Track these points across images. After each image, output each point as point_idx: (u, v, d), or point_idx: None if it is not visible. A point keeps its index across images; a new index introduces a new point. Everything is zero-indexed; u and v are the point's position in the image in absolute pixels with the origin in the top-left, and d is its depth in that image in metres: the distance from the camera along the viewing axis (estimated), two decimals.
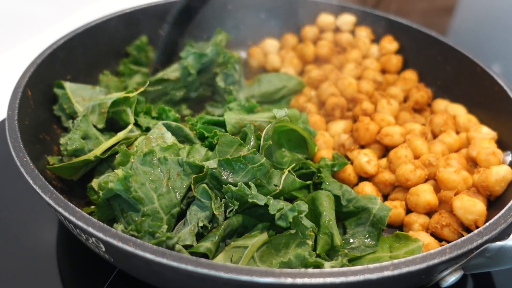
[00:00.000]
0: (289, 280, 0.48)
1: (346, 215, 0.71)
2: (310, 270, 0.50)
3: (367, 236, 0.67)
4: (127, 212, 0.62)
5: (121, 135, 0.72)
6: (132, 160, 0.63)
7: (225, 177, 0.63)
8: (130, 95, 0.75)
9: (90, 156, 0.69)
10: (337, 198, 0.70)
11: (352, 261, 0.65)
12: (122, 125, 0.76)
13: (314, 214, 0.67)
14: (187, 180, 0.64)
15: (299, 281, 0.48)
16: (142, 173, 0.62)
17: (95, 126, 0.74)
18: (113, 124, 0.77)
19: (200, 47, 0.96)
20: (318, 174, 0.74)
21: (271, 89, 0.96)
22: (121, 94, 0.75)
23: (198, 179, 0.63)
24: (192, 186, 0.63)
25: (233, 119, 0.74)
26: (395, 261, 0.51)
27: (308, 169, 0.75)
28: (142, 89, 0.78)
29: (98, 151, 0.70)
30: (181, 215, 0.65)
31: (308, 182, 0.71)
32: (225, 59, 0.92)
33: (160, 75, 0.93)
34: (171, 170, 0.64)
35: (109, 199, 0.63)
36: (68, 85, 0.82)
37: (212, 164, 0.64)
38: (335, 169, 0.77)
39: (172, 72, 0.92)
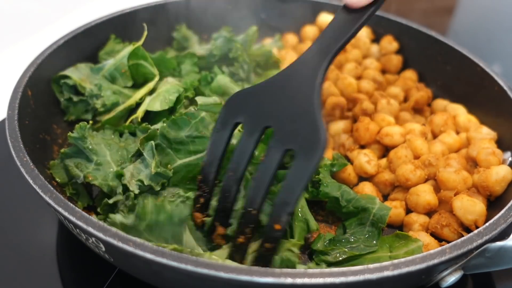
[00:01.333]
0: (289, 280, 0.48)
1: (346, 215, 0.71)
2: (310, 270, 0.50)
3: (367, 235, 0.67)
4: (81, 164, 0.68)
5: (151, 85, 0.81)
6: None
7: (173, 134, 0.66)
8: (137, 44, 0.82)
9: (132, 101, 0.78)
10: (336, 199, 0.70)
11: (352, 260, 0.65)
12: (142, 81, 0.85)
13: None
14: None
15: (299, 281, 0.48)
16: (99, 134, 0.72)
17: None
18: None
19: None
20: (316, 176, 0.73)
21: None
22: (130, 48, 0.82)
23: (147, 138, 0.67)
24: (139, 145, 0.67)
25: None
26: (395, 261, 0.51)
27: None
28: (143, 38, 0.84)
29: (137, 96, 0.79)
30: None
31: None
32: (236, 55, 0.91)
33: (188, 50, 0.95)
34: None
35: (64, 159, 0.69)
36: (69, 71, 0.85)
37: (158, 125, 0.68)
38: (335, 169, 0.77)
39: (200, 49, 0.95)
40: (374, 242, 0.66)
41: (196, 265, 0.48)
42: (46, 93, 0.81)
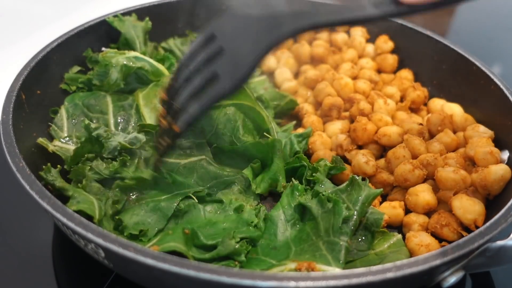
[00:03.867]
0: (292, 284, 0.48)
1: None
2: (313, 273, 0.49)
3: (359, 240, 0.66)
4: None
5: None
6: None
7: None
8: None
9: None
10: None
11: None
12: None
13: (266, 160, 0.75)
14: None
15: (302, 284, 0.48)
16: None
17: None
18: None
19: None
20: (314, 174, 0.73)
21: None
22: None
23: None
24: None
25: None
26: (398, 262, 0.51)
27: (299, 163, 0.75)
28: None
29: None
30: None
31: None
32: None
33: None
34: None
35: None
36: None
37: None
38: (332, 172, 0.76)
39: None
40: (367, 245, 0.66)
41: (198, 270, 0.48)
42: (40, 96, 0.80)
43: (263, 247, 0.65)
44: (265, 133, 0.78)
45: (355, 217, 0.63)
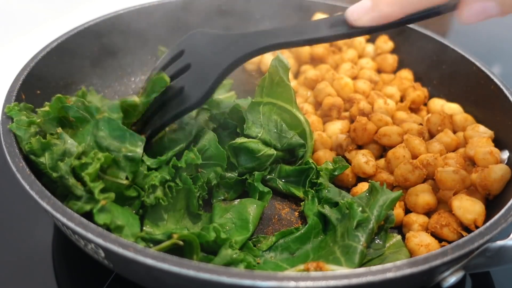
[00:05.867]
0: (292, 284, 0.48)
1: None
2: (313, 273, 0.49)
3: (374, 238, 0.66)
4: None
5: None
6: None
7: None
8: None
9: None
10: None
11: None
12: None
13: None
14: None
15: (302, 284, 0.48)
16: None
17: None
18: None
19: None
20: (316, 180, 0.74)
21: None
22: None
23: None
24: None
25: None
26: (397, 262, 0.51)
27: (307, 165, 0.75)
28: None
29: None
30: None
31: None
32: None
33: None
34: None
35: None
36: None
37: None
38: (336, 173, 0.77)
39: None
40: (382, 244, 0.66)
41: (198, 270, 0.48)
42: (40, 96, 0.80)
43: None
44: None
45: (372, 220, 0.63)
